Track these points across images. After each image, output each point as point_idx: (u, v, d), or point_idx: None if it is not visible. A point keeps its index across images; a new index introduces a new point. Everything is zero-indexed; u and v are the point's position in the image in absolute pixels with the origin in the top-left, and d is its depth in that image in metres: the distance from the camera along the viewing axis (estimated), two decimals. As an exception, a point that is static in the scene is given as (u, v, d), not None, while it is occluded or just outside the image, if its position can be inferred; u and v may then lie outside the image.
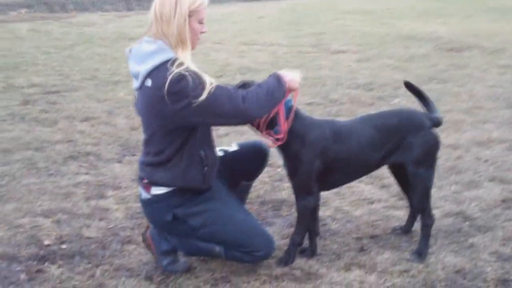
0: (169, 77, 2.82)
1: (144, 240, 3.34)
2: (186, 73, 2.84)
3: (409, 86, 3.57)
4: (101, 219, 3.90)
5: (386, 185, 4.49)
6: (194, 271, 3.27)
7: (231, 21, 14.26)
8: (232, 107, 2.93)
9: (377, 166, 3.49)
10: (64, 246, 3.53)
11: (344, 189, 4.35)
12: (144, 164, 3.14)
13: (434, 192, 4.30)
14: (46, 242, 3.55)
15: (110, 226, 3.80)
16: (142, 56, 2.94)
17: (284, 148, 3.28)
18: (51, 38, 10.77)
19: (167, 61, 2.89)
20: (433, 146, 3.44)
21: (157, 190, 3.11)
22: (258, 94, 2.98)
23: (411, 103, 6.85)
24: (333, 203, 4.17)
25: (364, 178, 4.55)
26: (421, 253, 3.42)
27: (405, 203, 4.08)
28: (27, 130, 5.48)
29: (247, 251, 3.15)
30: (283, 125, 3.18)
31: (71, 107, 6.57)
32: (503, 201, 4.18)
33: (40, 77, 7.84)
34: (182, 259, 3.31)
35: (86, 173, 4.66)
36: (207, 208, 3.15)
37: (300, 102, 7.04)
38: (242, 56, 9.56)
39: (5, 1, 15.16)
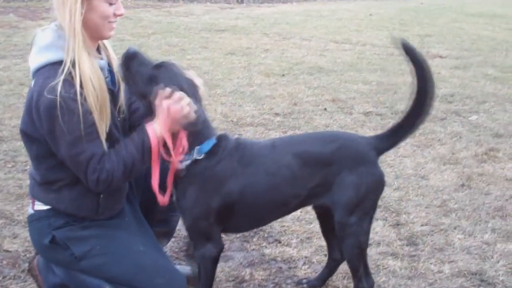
0: (44, 94, 2.21)
1: (29, 270, 2.70)
2: (63, 102, 2.20)
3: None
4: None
5: (401, 223, 3.63)
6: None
7: (337, 17, 13.35)
8: (83, 172, 2.31)
9: (300, 206, 2.67)
10: (-28, 258, 3.02)
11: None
12: (31, 175, 2.52)
13: (460, 240, 3.37)
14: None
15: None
16: (38, 49, 2.34)
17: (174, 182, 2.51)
18: (137, 25, 10.48)
19: (55, 63, 2.27)
20: (373, 187, 2.55)
21: (40, 206, 2.47)
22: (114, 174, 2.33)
23: (491, 122, 5.81)
24: (320, 240, 3.34)
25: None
26: None
27: (411, 249, 3.25)
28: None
29: None
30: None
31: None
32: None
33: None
34: (81, 293, 2.65)
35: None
36: (97, 233, 2.47)
37: (357, 111, 6.27)
38: (322, 55, 8.71)
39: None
